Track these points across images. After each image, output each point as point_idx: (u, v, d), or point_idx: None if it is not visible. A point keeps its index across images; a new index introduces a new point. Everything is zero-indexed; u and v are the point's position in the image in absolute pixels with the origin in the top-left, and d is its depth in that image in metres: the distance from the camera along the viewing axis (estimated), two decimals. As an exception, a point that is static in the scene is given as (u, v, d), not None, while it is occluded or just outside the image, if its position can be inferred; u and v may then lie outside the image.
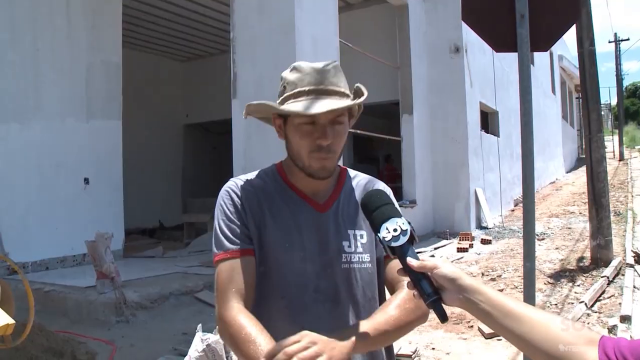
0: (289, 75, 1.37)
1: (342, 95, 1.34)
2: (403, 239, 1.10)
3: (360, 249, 1.38)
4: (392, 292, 1.43)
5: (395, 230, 1.11)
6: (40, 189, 7.81)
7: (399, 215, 1.15)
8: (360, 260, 1.38)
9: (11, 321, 1.62)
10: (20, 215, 7.50)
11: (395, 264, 1.41)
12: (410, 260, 1.08)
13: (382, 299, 1.46)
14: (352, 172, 1.52)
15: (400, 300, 1.31)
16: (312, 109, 1.28)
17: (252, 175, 1.46)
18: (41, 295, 6.10)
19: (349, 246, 1.37)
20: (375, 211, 1.17)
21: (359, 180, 1.50)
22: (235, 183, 1.43)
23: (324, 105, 1.28)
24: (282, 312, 1.32)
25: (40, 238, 7.65)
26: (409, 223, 1.13)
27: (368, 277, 1.40)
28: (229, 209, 1.38)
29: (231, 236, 1.35)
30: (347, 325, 1.30)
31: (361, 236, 1.39)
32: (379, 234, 1.13)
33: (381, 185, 1.46)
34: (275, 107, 1.33)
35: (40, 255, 7.72)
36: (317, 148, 1.31)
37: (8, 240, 7.25)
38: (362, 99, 1.34)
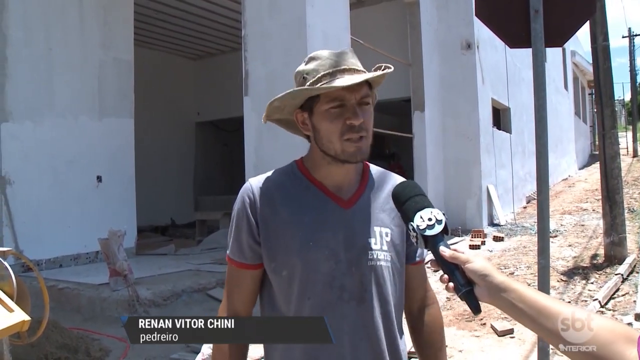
0: (306, 66, 1.34)
1: (364, 73, 1.31)
2: (438, 228, 1.09)
3: (385, 247, 1.35)
4: (407, 300, 1.46)
5: (430, 219, 1.10)
6: (53, 186, 7.88)
7: (432, 206, 1.13)
8: (385, 258, 1.34)
9: (27, 318, 1.63)
10: (34, 213, 7.56)
11: (415, 272, 1.46)
12: (443, 250, 1.07)
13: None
14: (374, 168, 1.48)
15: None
16: (344, 83, 1.25)
17: (271, 174, 1.42)
18: (55, 292, 6.16)
19: (375, 243, 1.33)
20: (409, 200, 1.15)
21: (381, 175, 1.46)
22: (250, 187, 1.39)
23: (354, 79, 1.26)
24: (308, 314, 1.29)
25: (53, 235, 7.71)
26: (443, 214, 1.11)
27: (394, 275, 1.37)
28: (239, 219, 1.38)
29: (237, 248, 1.39)
30: (372, 324, 1.32)
31: (386, 234, 1.36)
32: (412, 223, 1.11)
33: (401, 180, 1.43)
34: (306, 89, 1.29)
35: (54, 253, 7.79)
36: (349, 128, 1.27)
37: (22, 238, 7.32)
38: (390, 69, 1.31)
